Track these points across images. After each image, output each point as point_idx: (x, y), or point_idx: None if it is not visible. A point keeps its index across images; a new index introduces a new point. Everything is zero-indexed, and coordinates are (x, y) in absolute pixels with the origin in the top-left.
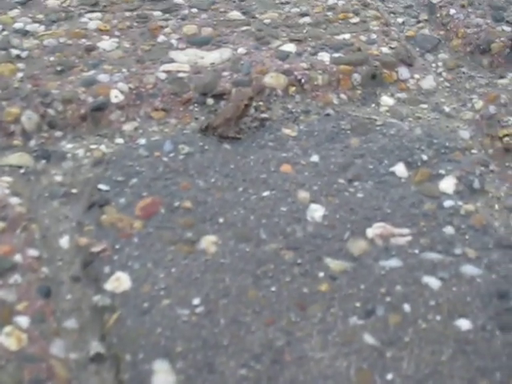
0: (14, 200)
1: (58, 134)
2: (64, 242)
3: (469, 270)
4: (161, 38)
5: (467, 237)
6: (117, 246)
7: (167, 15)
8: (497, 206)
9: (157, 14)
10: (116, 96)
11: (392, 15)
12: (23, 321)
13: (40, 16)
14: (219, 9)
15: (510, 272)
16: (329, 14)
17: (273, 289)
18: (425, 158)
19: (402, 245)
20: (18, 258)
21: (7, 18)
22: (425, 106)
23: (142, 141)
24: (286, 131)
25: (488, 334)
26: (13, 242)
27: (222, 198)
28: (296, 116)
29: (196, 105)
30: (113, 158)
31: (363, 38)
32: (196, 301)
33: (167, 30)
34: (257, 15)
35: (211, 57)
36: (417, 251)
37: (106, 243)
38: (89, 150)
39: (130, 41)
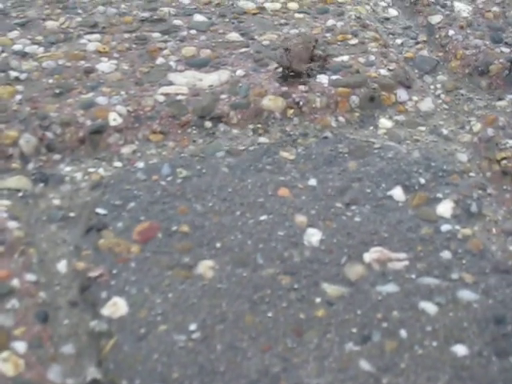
0: (13, 224)
1: (57, 157)
2: (62, 266)
3: (465, 295)
4: (159, 60)
5: (464, 261)
6: (114, 271)
7: (166, 37)
8: (494, 230)
9: (156, 35)
10: (114, 119)
11: (391, 36)
12: (20, 346)
13: (39, 38)
14: (218, 30)
15: (507, 297)
16: (327, 35)
17: (269, 314)
18: (422, 181)
19: (398, 269)
20: (15, 282)
21: (6, 40)
22: (423, 128)
23: (140, 164)
24: (284, 154)
25: (484, 360)
26: (10, 267)
27: (220, 222)
28: (294, 139)
29: (194, 127)
30: (111, 182)
31: (362, 59)
32: (192, 326)
33: (166, 51)
34: (255, 37)
35: (210, 79)
36: (414, 276)
37: (103, 268)
38: (87, 173)
39: (128, 63)
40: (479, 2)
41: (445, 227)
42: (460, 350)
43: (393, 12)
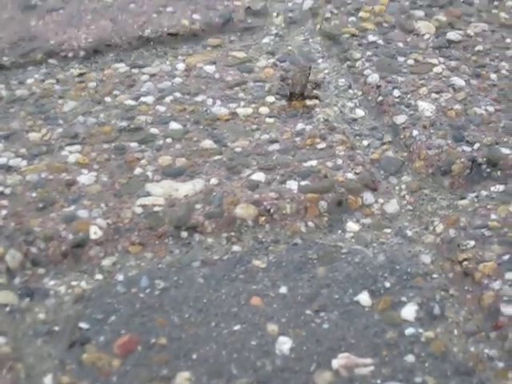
0: (0, 340)
1: (41, 271)
2: (48, 380)
3: None
4: (137, 170)
5: (427, 364)
6: None
7: (143, 146)
8: (456, 332)
9: (133, 145)
10: (95, 232)
11: (358, 137)
12: None
13: (23, 150)
14: (192, 138)
15: None
16: (297, 139)
17: None
18: (387, 285)
19: (365, 375)
20: None
21: None
22: (388, 230)
23: (120, 277)
24: (256, 263)
25: None
26: None
27: (196, 333)
28: (266, 246)
29: (171, 238)
30: (92, 295)
31: (329, 164)
32: None
33: (143, 161)
34: (228, 143)
35: (185, 188)
36: (379, 381)
37: (86, 382)
38: (70, 286)
39: (107, 174)
40: (442, 101)
41: (409, 331)
42: None
43: (360, 112)
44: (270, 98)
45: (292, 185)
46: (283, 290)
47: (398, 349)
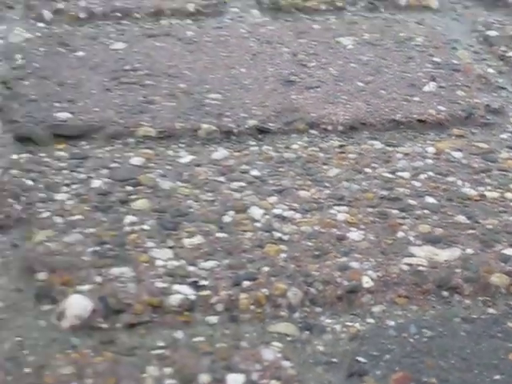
0: (286, 363)
1: (318, 309)
2: None
3: None
4: (400, 234)
5: None
6: None
7: (403, 214)
8: None
9: (394, 212)
10: (367, 282)
11: None
12: None
13: (295, 205)
14: (447, 212)
15: None
16: None
17: None
18: None
19: None
20: None
21: (267, 204)
22: None
23: (391, 323)
24: (511, 325)
25: None
26: None
27: (461, 377)
28: None
29: (433, 295)
30: (366, 335)
31: None
32: None
33: (404, 227)
34: (480, 220)
35: (444, 254)
36: None
37: None
38: (345, 326)
39: (373, 234)
40: None
41: None
42: None
43: None
44: None
45: None
46: None
47: None
